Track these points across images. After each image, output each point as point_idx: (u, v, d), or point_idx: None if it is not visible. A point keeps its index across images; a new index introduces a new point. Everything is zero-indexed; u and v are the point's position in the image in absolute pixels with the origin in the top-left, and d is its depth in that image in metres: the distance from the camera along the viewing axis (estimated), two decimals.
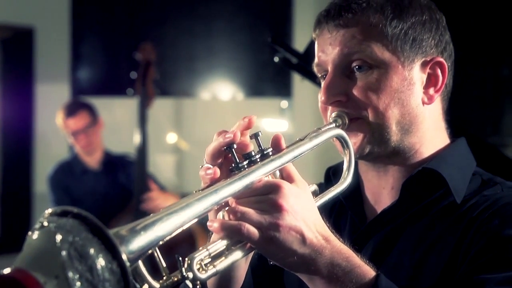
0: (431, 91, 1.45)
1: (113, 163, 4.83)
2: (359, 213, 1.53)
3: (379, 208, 1.49)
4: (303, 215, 1.20)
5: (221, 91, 6.30)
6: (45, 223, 0.95)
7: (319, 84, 3.00)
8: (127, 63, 4.62)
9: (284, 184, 1.21)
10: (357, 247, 1.29)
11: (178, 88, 6.25)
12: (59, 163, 4.85)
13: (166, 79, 6.13)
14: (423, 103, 1.44)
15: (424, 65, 1.44)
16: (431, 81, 1.45)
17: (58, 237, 0.92)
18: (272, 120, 6.16)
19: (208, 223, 1.21)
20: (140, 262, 1.05)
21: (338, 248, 1.22)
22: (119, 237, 0.98)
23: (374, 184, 1.51)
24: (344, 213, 1.55)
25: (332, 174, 1.55)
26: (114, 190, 4.73)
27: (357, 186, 1.54)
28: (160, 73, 4.75)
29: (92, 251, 0.92)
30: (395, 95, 1.40)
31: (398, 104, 1.41)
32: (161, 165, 6.32)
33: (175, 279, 1.11)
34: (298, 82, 5.90)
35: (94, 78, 6.30)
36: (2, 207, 6.41)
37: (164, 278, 1.11)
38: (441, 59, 1.45)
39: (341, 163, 1.44)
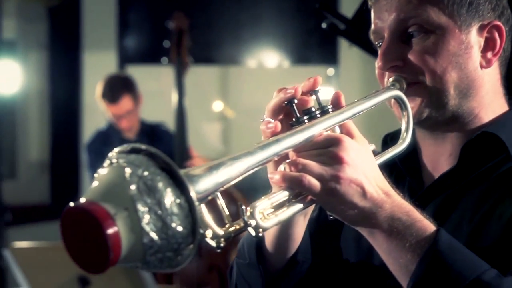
0: (489, 54, 1.43)
1: (149, 132, 4.85)
2: (417, 179, 1.52)
3: (437, 175, 1.48)
4: (364, 169, 1.20)
5: (267, 59, 6.29)
6: (114, 160, 0.96)
7: (367, 51, 2.99)
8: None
9: (345, 138, 1.21)
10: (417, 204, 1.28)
11: (224, 56, 6.25)
12: (97, 132, 4.88)
13: (212, 46, 6.13)
14: (481, 66, 1.42)
15: (481, 29, 1.42)
16: (488, 45, 1.43)
17: (128, 171, 0.92)
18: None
19: (269, 175, 1.22)
20: (204, 208, 1.05)
21: (399, 202, 1.22)
22: (187, 175, 0.98)
23: (432, 151, 1.50)
24: (402, 181, 1.54)
25: (390, 140, 1.54)
26: None
27: (414, 152, 1.53)
28: (204, 41, 4.74)
29: (160, 185, 0.92)
30: (452, 59, 1.39)
31: (456, 67, 1.39)
32: (207, 133, 6.35)
33: (238, 227, 1.11)
34: (345, 50, 5.87)
35: (141, 46, 6.33)
36: (52, 175, 6.52)
37: (227, 225, 1.11)
38: (499, 23, 1.43)
39: (399, 130, 1.44)
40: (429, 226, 1.21)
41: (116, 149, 0.97)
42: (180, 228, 0.93)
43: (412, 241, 1.19)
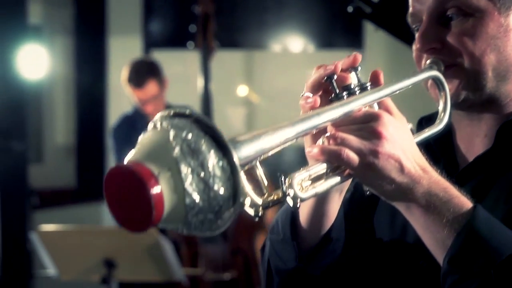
0: None
1: None
2: (451, 161, 1.51)
3: (471, 157, 1.47)
4: (402, 144, 1.21)
5: (292, 43, 6.29)
6: (158, 124, 0.97)
7: (393, 34, 2.97)
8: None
9: (384, 113, 1.22)
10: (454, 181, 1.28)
11: (248, 40, 6.26)
12: (122, 116, 4.91)
13: (237, 31, 6.13)
14: None
15: None
16: None
17: (172, 134, 0.93)
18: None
19: (307, 149, 1.23)
20: (243, 177, 1.06)
21: (436, 178, 1.23)
22: (230, 140, 0.99)
23: (467, 131, 1.50)
24: (436, 163, 1.54)
25: (425, 123, 1.54)
26: None
27: (449, 134, 1.53)
28: (228, 25, 4.74)
29: (204, 147, 0.93)
30: (491, 41, 1.38)
31: (494, 50, 1.38)
32: (232, 117, 6.37)
33: (276, 197, 1.12)
34: (370, 34, 5.84)
35: (167, 31, 6.34)
36: (78, 159, 6.57)
37: (266, 195, 1.11)
38: None
39: (434, 113, 1.44)
40: (466, 203, 1.21)
41: (159, 114, 0.98)
42: (222, 191, 0.94)
43: (449, 217, 1.19)
